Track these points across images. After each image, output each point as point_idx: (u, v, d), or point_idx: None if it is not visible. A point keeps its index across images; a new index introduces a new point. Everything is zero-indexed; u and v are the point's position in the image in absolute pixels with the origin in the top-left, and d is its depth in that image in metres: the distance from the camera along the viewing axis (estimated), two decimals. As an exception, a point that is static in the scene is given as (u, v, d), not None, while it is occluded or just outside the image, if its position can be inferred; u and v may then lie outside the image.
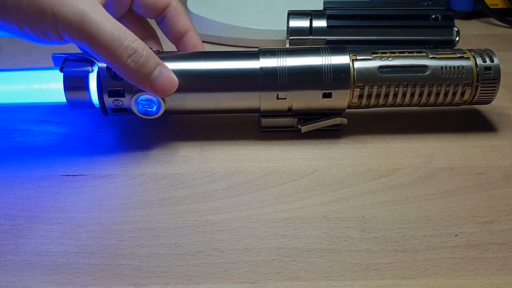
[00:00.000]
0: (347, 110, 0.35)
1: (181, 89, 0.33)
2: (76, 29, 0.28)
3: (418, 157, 0.34)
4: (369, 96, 0.34)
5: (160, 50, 0.35)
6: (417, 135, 0.37)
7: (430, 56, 0.34)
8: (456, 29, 0.43)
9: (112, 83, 0.33)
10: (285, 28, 0.45)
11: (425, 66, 0.34)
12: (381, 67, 0.34)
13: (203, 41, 0.37)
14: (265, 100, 0.34)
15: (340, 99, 0.34)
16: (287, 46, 0.44)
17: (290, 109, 0.35)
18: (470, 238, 0.28)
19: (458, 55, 0.35)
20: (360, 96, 0.34)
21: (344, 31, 0.43)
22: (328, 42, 0.43)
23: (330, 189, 0.32)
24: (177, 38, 0.37)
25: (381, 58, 0.34)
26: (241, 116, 0.38)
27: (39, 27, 0.28)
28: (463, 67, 0.34)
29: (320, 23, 0.43)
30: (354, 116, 0.38)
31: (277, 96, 0.34)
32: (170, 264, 0.27)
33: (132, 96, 0.33)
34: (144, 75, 0.30)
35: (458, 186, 0.32)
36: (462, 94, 0.35)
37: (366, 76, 0.34)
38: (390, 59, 0.34)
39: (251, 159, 0.34)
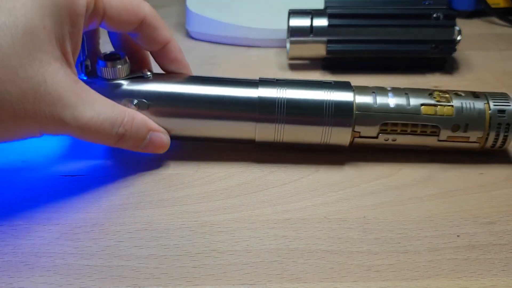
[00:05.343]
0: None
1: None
2: (63, 133, 0.28)
3: (419, 157, 0.34)
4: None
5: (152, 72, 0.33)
6: (418, 135, 0.36)
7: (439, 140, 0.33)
8: (457, 28, 0.43)
9: None
10: (286, 27, 0.45)
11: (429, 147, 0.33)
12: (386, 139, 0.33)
13: (203, 41, 0.37)
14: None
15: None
16: (288, 45, 0.44)
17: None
18: (472, 239, 0.28)
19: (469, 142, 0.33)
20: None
21: (345, 30, 0.43)
22: (329, 41, 0.43)
23: (331, 190, 0.31)
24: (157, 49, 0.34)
25: (385, 139, 0.33)
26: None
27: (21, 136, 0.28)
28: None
29: (321, 22, 0.43)
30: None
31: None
32: (169, 265, 0.26)
33: None
34: (134, 146, 0.31)
35: (460, 186, 0.32)
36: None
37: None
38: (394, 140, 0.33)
39: (251, 159, 0.34)
